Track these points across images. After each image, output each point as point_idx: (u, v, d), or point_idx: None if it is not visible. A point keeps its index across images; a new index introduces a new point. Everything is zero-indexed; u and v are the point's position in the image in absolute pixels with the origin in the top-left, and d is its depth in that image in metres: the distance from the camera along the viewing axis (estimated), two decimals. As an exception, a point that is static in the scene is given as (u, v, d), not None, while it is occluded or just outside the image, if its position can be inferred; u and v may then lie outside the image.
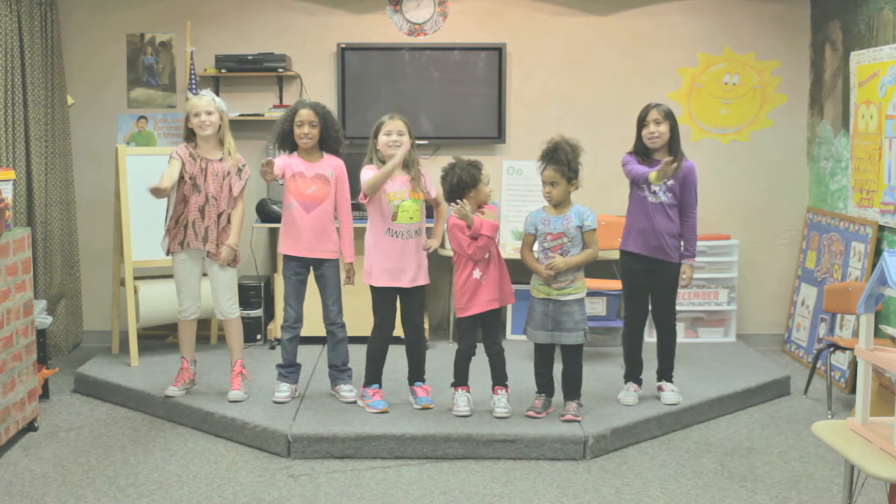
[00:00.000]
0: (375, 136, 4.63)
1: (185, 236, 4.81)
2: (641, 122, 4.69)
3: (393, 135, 4.58)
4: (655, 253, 4.68)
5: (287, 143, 4.78)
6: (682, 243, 4.77)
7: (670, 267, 4.72)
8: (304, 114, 4.70)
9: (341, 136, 4.87)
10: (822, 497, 3.95)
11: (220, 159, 4.82)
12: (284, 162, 4.74)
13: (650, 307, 4.81)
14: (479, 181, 4.51)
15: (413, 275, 4.62)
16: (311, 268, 4.82)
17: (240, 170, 4.86)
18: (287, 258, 4.80)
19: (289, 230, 4.77)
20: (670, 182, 4.65)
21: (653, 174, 4.49)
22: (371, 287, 4.67)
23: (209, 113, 4.75)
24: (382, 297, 4.66)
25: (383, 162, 4.60)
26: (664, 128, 4.63)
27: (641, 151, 4.73)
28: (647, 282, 4.75)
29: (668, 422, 4.72)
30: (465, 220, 4.42)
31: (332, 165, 4.81)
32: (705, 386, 5.14)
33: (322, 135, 4.75)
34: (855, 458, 2.81)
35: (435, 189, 4.73)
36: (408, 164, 4.64)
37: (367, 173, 4.60)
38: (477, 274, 4.48)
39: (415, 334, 4.75)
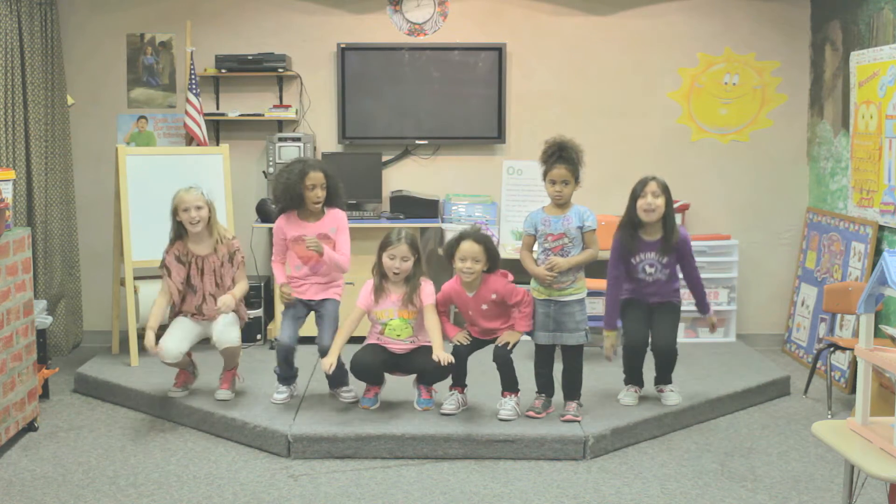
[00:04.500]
0: (381, 250, 4.51)
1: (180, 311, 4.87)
2: (637, 194, 4.64)
3: (397, 260, 4.47)
4: (655, 302, 4.74)
5: (296, 202, 4.70)
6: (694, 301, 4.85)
7: (670, 305, 4.75)
8: (315, 177, 4.64)
9: (344, 192, 4.83)
10: (822, 497, 3.95)
11: (213, 251, 4.76)
12: (278, 233, 4.76)
13: (650, 336, 4.77)
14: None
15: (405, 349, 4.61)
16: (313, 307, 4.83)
17: (232, 256, 4.78)
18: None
19: (295, 283, 4.78)
20: (665, 259, 4.65)
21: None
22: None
23: (198, 208, 4.68)
24: (371, 346, 4.64)
25: (385, 277, 4.52)
26: (661, 201, 4.60)
27: (632, 223, 4.67)
28: (648, 315, 4.75)
29: (668, 422, 4.72)
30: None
31: (333, 222, 4.75)
32: (705, 386, 5.14)
33: (329, 194, 4.72)
34: (855, 458, 2.81)
35: (432, 296, 4.56)
36: (409, 279, 4.52)
37: (364, 294, 4.54)
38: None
39: (437, 369, 4.56)
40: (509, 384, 4.58)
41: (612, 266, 4.73)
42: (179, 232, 4.74)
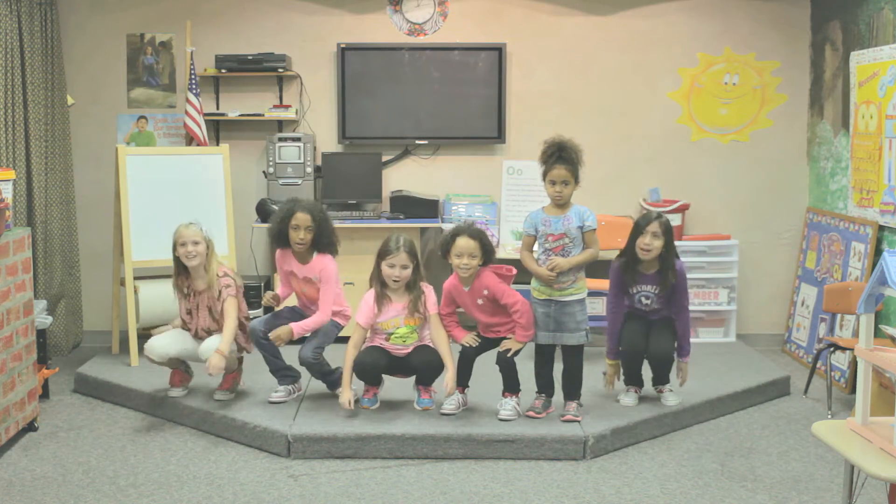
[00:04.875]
0: (380, 258, 4.51)
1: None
2: (639, 230, 4.63)
3: (396, 268, 4.46)
4: (654, 319, 4.76)
5: (282, 241, 4.73)
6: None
7: (670, 319, 4.75)
8: (301, 218, 4.62)
9: (336, 239, 4.77)
10: (822, 497, 3.95)
11: (207, 288, 4.77)
12: (277, 263, 4.83)
13: (647, 344, 4.75)
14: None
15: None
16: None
17: (219, 293, 4.74)
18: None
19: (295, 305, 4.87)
20: (661, 292, 4.67)
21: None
22: None
23: (196, 243, 4.69)
24: (372, 347, 4.64)
25: (385, 286, 4.52)
26: (659, 243, 4.59)
27: (631, 257, 4.66)
28: (647, 326, 4.76)
29: (668, 422, 4.72)
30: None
31: (318, 269, 4.70)
32: (705, 386, 5.14)
33: (316, 239, 4.69)
34: (855, 458, 2.81)
35: (435, 306, 4.58)
36: (410, 286, 4.53)
37: (364, 309, 4.52)
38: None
39: (435, 362, 4.59)
40: (511, 385, 4.58)
41: (612, 296, 4.78)
42: (178, 267, 4.77)
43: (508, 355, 4.48)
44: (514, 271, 4.55)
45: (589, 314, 4.58)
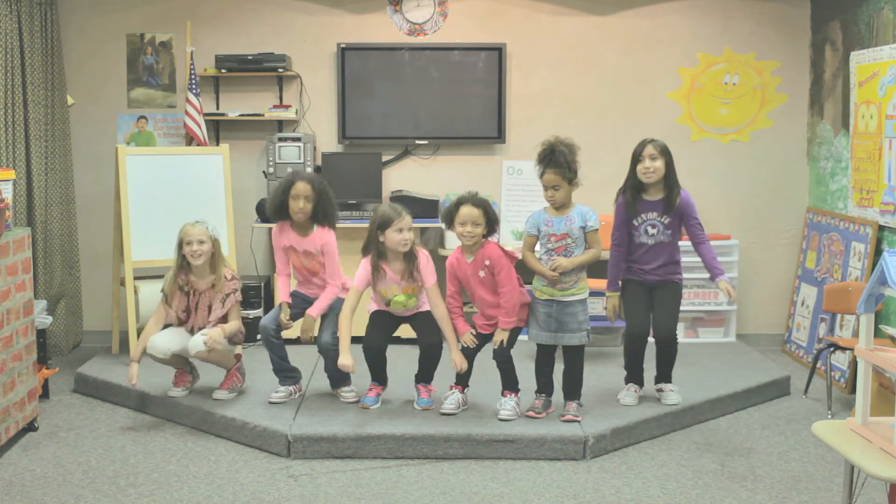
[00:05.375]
0: (381, 230, 4.50)
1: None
2: (637, 158, 4.66)
3: (405, 231, 4.48)
4: (655, 281, 4.72)
5: (282, 213, 4.74)
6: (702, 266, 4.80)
7: (671, 285, 4.74)
8: (301, 187, 4.65)
9: (335, 212, 4.79)
10: (822, 497, 3.95)
11: (210, 287, 4.77)
12: (273, 241, 4.84)
13: (651, 322, 4.79)
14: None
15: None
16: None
17: (226, 297, 4.77)
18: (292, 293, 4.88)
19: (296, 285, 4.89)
20: (667, 220, 4.65)
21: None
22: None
23: (201, 242, 4.70)
24: (376, 317, 4.69)
25: (384, 257, 4.54)
26: (660, 163, 4.61)
27: (634, 186, 4.69)
28: (649, 298, 4.75)
29: (668, 422, 4.72)
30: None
31: (319, 242, 4.73)
32: (705, 386, 5.14)
33: (316, 210, 4.70)
34: (855, 458, 2.81)
35: (433, 276, 4.60)
36: (408, 255, 4.55)
37: (362, 273, 4.55)
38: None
39: (430, 347, 4.65)
40: (510, 383, 4.58)
41: (615, 229, 4.76)
42: (183, 264, 4.77)
43: (501, 346, 4.49)
44: (519, 256, 4.57)
45: (590, 314, 4.58)
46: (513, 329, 4.53)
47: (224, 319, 4.81)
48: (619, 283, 4.78)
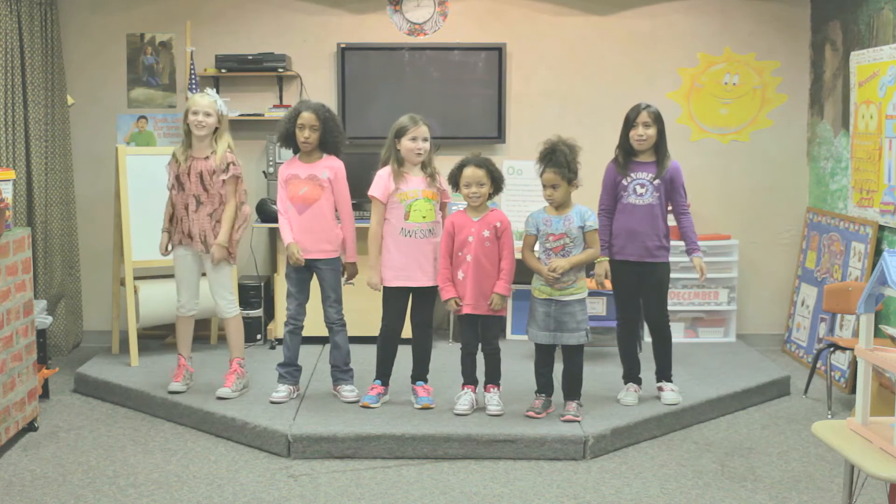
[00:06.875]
0: (398, 138, 4.60)
1: (178, 234, 4.89)
2: (630, 123, 4.70)
3: (419, 141, 4.57)
4: (643, 256, 4.70)
5: (290, 142, 4.80)
6: (681, 242, 4.82)
7: (658, 268, 4.74)
8: (306, 117, 4.70)
9: (342, 140, 4.86)
10: (822, 497, 3.95)
11: (207, 157, 4.81)
12: (279, 177, 4.84)
13: (642, 309, 4.80)
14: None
15: (425, 274, 4.62)
16: (312, 268, 4.82)
17: (227, 167, 4.83)
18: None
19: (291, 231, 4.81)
20: (656, 181, 4.67)
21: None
22: (384, 287, 4.68)
23: (207, 114, 4.77)
24: (393, 298, 4.67)
25: (402, 165, 4.62)
26: (652, 131, 4.65)
27: (625, 150, 4.73)
28: (637, 284, 4.75)
29: (668, 422, 4.72)
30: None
31: (328, 167, 4.79)
32: (705, 386, 5.14)
33: (322, 138, 4.75)
34: (855, 458, 2.81)
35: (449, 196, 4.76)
36: (425, 164, 4.65)
37: (379, 182, 4.62)
38: (460, 275, 4.55)
39: (422, 333, 4.74)
40: (494, 376, 4.63)
41: (602, 192, 4.79)
42: (188, 133, 4.81)
43: (492, 336, 4.55)
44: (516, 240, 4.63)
45: (589, 314, 4.58)
46: (498, 318, 4.58)
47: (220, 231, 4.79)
48: (609, 249, 4.77)
